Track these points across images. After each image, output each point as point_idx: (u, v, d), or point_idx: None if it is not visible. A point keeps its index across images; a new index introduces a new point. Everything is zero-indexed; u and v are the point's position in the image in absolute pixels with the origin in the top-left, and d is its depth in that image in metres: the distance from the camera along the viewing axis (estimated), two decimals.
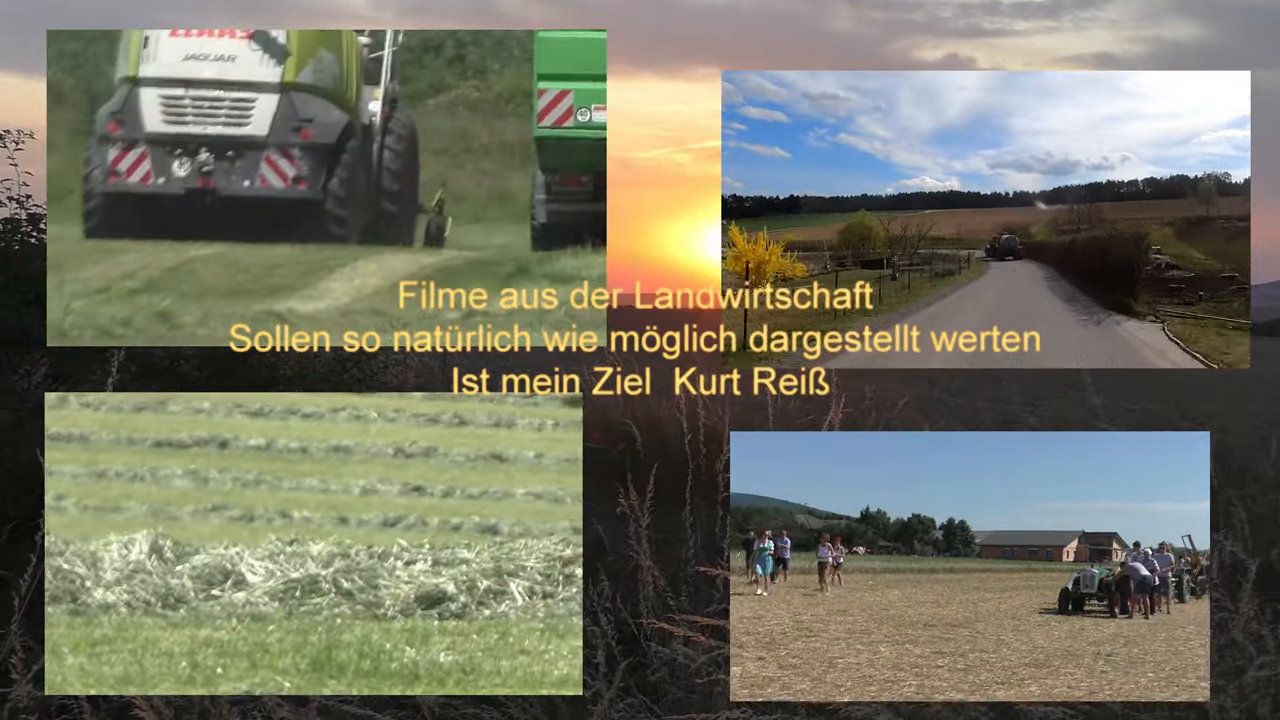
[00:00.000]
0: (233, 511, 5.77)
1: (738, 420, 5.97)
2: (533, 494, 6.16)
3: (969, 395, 15.39)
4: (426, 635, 4.47)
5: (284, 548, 5.01)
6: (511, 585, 4.77)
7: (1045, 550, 8.62)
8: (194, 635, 4.41)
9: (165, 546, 4.90)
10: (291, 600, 4.68)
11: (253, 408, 7.05)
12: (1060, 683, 4.17)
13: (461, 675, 4.17)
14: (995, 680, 4.20)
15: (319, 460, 6.59)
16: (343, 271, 8.28)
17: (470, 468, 6.59)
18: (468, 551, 5.03)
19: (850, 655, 4.57)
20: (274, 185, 9.23)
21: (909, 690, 4.04)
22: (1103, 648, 4.95)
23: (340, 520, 5.70)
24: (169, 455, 6.52)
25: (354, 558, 4.93)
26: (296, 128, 9.27)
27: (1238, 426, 12.49)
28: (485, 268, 8.50)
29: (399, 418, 7.16)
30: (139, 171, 9.23)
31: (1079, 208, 7.13)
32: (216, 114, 9.26)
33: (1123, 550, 6.11)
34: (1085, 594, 5.98)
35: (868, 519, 8.68)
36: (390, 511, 5.81)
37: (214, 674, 4.12)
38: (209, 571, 4.80)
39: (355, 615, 4.62)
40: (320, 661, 4.20)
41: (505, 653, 4.35)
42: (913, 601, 6.47)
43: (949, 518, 8.33)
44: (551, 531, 5.38)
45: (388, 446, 6.78)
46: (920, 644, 4.90)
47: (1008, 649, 4.88)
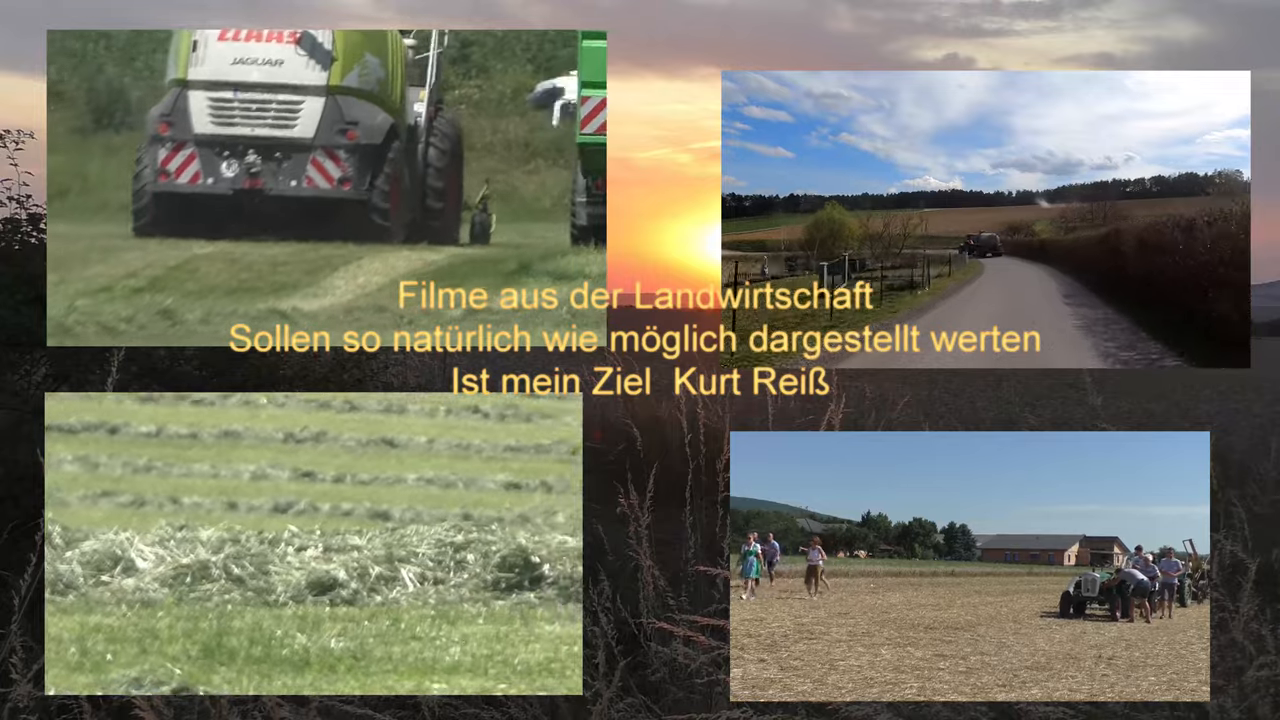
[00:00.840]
0: (122, 497, 5.77)
1: (737, 420, 5.97)
2: (424, 479, 6.18)
3: (969, 395, 15.40)
4: (318, 621, 4.44)
5: (174, 533, 4.97)
6: (403, 572, 4.76)
7: (1047, 554, 8.63)
8: (83, 622, 4.35)
9: (54, 532, 4.82)
10: (181, 586, 4.65)
11: (142, 394, 7.03)
12: (1061, 686, 4.17)
13: (353, 662, 4.13)
14: (996, 683, 4.20)
15: (209, 446, 6.59)
16: (346, 269, 8.30)
17: (361, 453, 6.60)
18: (359, 538, 5.01)
19: (852, 657, 4.57)
20: (320, 186, 9.44)
21: (910, 692, 4.04)
22: (1104, 651, 4.94)
23: (230, 506, 5.71)
24: (58, 440, 6.46)
25: (244, 543, 4.90)
26: (342, 130, 9.49)
27: (1238, 426, 12.50)
28: (489, 265, 8.53)
29: (289, 403, 7.14)
30: (188, 172, 9.45)
31: (1089, 205, 7.08)
32: (264, 116, 9.47)
33: (1124, 554, 6.11)
34: (1086, 598, 5.98)
35: (869, 523, 8.69)
36: (281, 497, 5.81)
37: (104, 660, 4.07)
38: (98, 557, 4.75)
39: (246, 601, 4.59)
40: (210, 648, 4.16)
41: (396, 639, 4.31)
42: (914, 604, 6.46)
43: (950, 521, 8.33)
44: (443, 518, 5.37)
45: (278, 432, 6.77)
46: (921, 646, 4.90)
47: (1009, 652, 4.88)
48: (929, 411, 10.55)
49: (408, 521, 5.48)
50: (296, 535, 4.99)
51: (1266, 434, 9.83)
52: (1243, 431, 11.55)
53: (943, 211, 7.26)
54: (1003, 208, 7.47)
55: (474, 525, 5.18)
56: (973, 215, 7.60)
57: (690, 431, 5.60)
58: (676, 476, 5.44)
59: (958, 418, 11.36)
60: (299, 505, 5.72)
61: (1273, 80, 52.58)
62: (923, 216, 7.15)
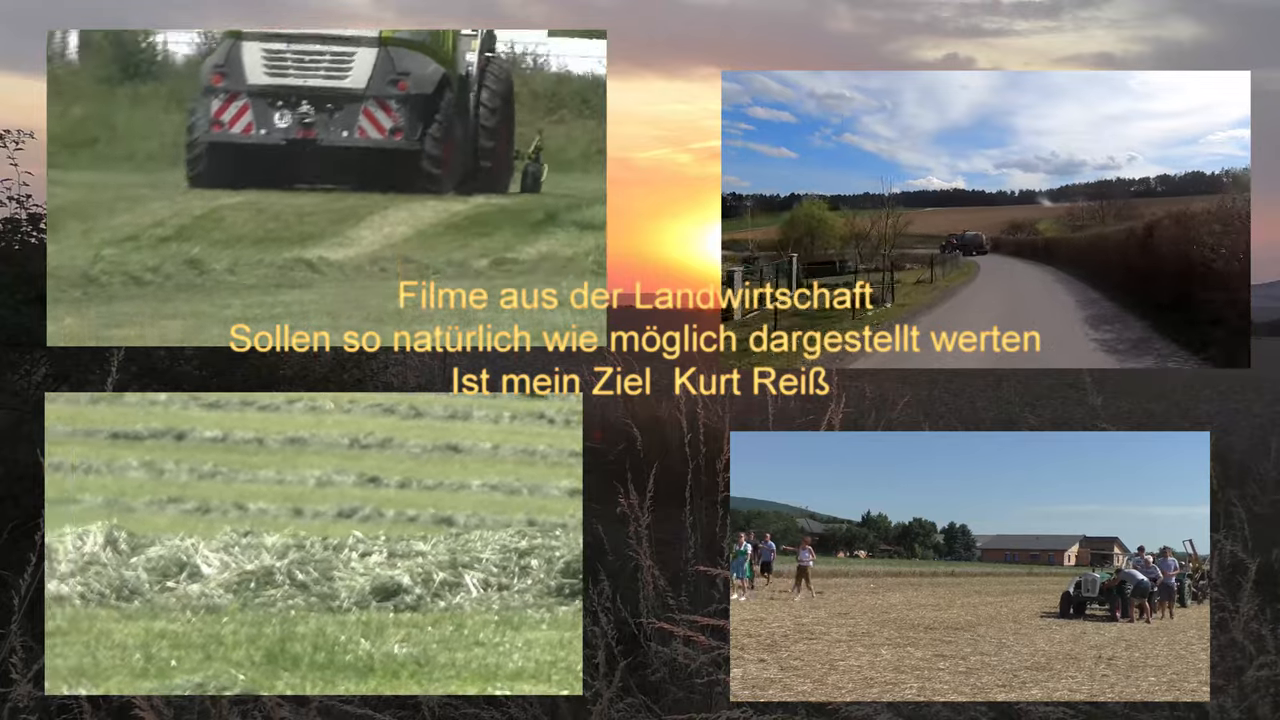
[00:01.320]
0: (188, 504, 5.76)
1: (737, 420, 5.97)
2: (488, 485, 6.15)
3: (969, 395, 15.39)
4: (381, 627, 4.43)
5: (239, 539, 4.97)
6: (466, 577, 4.75)
7: (1047, 554, 8.62)
8: (148, 628, 4.36)
9: (120, 538, 4.84)
10: (246, 592, 4.65)
11: (209, 400, 7.04)
12: (1061, 686, 4.17)
13: (416, 668, 4.13)
14: (996, 683, 4.20)
15: (274, 451, 6.58)
16: (372, 219, 8.29)
17: (426, 459, 6.58)
18: (423, 544, 5.00)
19: (852, 658, 4.57)
20: (372, 136, 9.48)
21: (910, 693, 4.03)
22: (1104, 651, 4.95)
23: (295, 512, 5.70)
24: (124, 447, 6.51)
25: (309, 549, 4.90)
26: (394, 80, 9.51)
27: (1238, 426, 12.50)
28: (516, 215, 8.48)
29: (354, 409, 7.14)
30: (241, 122, 9.49)
31: (1095, 204, 7.03)
32: (316, 67, 9.52)
33: (1124, 554, 6.11)
34: (1086, 598, 5.99)
35: (869, 523, 8.68)
36: (345, 503, 5.80)
37: (168, 666, 4.08)
38: (164, 563, 4.75)
39: (309, 607, 4.59)
40: (274, 654, 4.16)
41: (460, 644, 4.30)
42: (914, 604, 6.46)
43: (950, 521, 8.33)
44: (507, 524, 5.36)
45: (343, 437, 6.76)
46: (921, 646, 4.90)
47: (1009, 652, 4.88)
48: (929, 411, 10.55)
49: (472, 527, 5.46)
50: (361, 541, 4.98)
51: (1266, 434, 9.83)
52: (1243, 431, 11.55)
53: (943, 211, 7.23)
54: (1003, 207, 7.45)
55: (538, 531, 5.15)
56: (974, 215, 7.59)
57: (690, 431, 5.60)
58: (676, 476, 5.44)
59: (958, 417, 11.36)
60: (363, 511, 5.71)
61: (1273, 80, 52.63)
62: (911, 216, 6.97)
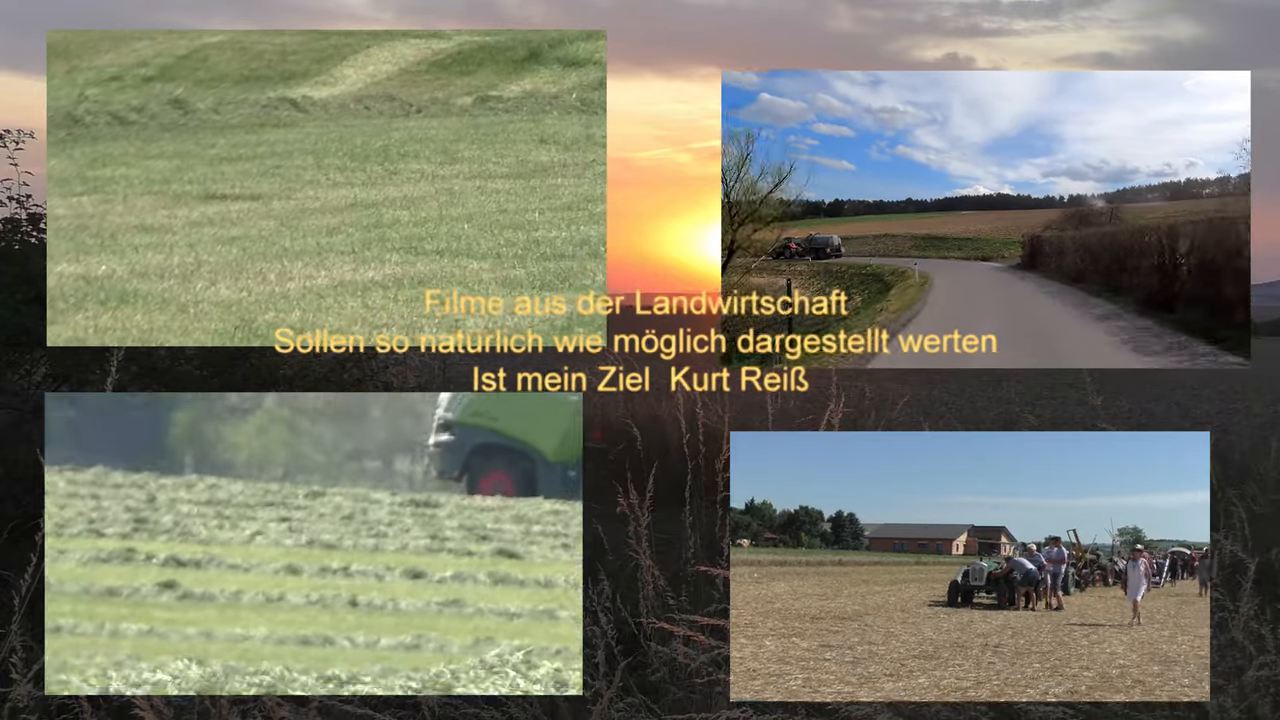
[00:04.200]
0: None
1: (737, 420, 5.97)
2: None
3: (969, 395, 15.40)
4: None
5: None
6: None
7: (935, 544, 8.55)
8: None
9: None
10: None
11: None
12: (949, 674, 4.13)
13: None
14: (884, 672, 4.17)
15: None
16: (355, 58, 8.23)
17: None
18: None
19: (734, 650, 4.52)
20: None
21: (795, 685, 3.99)
22: (990, 639, 4.95)
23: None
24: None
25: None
26: None
27: (1238, 426, 12.50)
28: (499, 53, 8.38)
29: None
30: None
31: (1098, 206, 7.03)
32: None
33: (1011, 544, 6.14)
34: (974, 587, 6.01)
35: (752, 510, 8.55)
36: None
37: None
38: None
39: None
40: None
41: None
42: (799, 594, 6.40)
43: (838, 510, 8.21)
44: None
45: None
46: (807, 637, 4.86)
47: (896, 641, 4.85)
48: (929, 411, 10.56)
49: None
50: None
51: (1266, 434, 9.82)
52: (1243, 431, 11.55)
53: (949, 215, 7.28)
54: (1005, 211, 7.45)
55: None
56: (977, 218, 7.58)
57: (690, 431, 5.60)
58: (676, 476, 5.44)
59: (957, 417, 11.37)
60: None
61: (1272, 80, 52.69)
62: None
